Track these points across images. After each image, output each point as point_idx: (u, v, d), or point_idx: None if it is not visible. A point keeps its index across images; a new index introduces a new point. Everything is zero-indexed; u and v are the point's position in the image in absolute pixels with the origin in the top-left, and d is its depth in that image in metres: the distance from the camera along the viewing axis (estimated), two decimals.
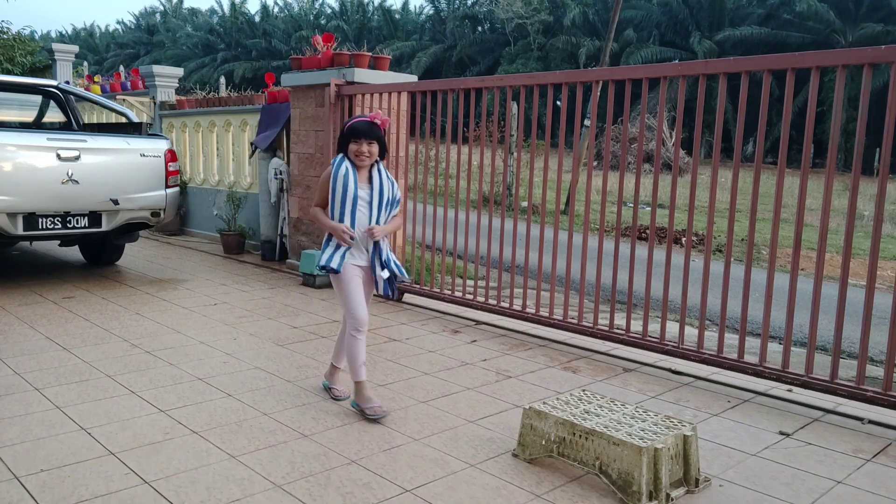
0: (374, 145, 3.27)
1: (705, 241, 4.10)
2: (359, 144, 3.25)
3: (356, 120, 3.30)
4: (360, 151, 3.25)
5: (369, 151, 3.26)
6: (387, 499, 2.50)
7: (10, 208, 5.33)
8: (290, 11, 55.41)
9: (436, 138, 5.48)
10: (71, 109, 7.28)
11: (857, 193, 3.44)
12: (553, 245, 4.68)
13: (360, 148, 3.25)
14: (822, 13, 33.37)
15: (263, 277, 6.62)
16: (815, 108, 3.62)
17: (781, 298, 3.98)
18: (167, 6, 61.95)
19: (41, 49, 14.44)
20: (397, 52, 41.55)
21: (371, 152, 3.27)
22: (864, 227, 12.94)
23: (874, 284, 3.39)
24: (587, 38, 38.22)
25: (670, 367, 4.14)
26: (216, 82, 24.44)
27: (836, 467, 2.89)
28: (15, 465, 2.66)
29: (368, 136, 3.25)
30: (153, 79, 9.76)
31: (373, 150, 3.27)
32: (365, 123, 3.27)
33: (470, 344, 4.61)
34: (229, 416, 3.22)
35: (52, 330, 4.57)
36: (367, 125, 3.26)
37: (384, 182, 3.35)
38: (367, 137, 3.25)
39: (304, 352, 4.29)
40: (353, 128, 3.27)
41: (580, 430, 2.67)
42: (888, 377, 3.36)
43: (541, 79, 4.90)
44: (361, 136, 3.24)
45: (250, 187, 8.24)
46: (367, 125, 3.26)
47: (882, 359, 5.12)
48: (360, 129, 3.25)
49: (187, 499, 2.45)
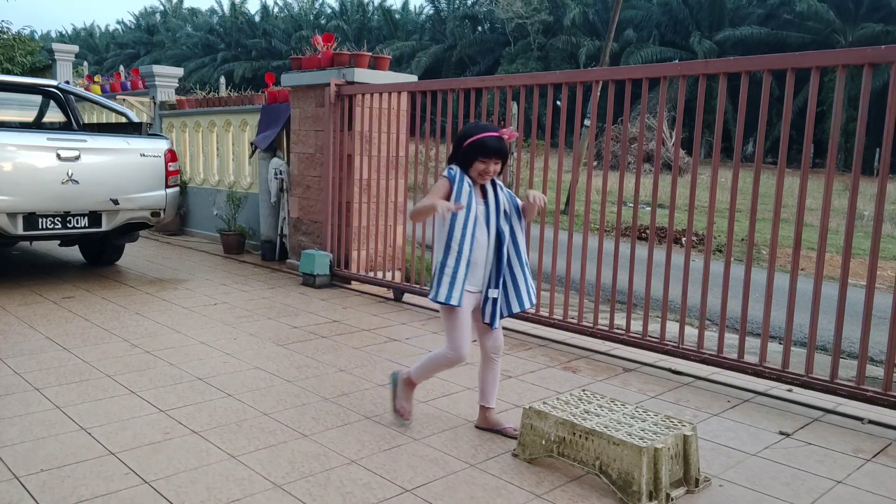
0: (499, 164, 2.93)
1: (705, 241, 4.10)
2: (486, 164, 2.89)
3: (485, 135, 2.89)
4: (487, 171, 2.91)
5: (494, 171, 2.93)
6: (387, 499, 2.50)
7: (10, 208, 5.33)
8: (290, 11, 55.42)
9: (436, 138, 5.48)
10: (71, 109, 7.28)
11: (857, 193, 3.44)
12: (553, 245, 4.68)
13: (487, 168, 2.90)
14: (822, 13, 33.38)
15: (263, 277, 6.62)
16: (815, 108, 3.62)
17: (781, 298, 3.98)
18: (167, 6, 61.97)
19: (41, 49, 14.44)
20: (397, 52, 41.55)
21: (496, 171, 2.94)
22: (864, 227, 12.94)
23: (874, 284, 3.39)
24: (587, 38, 38.22)
25: (670, 367, 4.14)
26: (216, 82, 24.44)
27: (836, 467, 2.89)
28: (15, 465, 2.66)
29: (498, 154, 2.90)
30: (153, 79, 9.76)
31: (497, 168, 2.93)
32: (496, 140, 2.89)
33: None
34: (229, 416, 3.22)
35: (52, 330, 4.57)
36: (498, 143, 2.89)
37: (500, 194, 3.00)
38: (497, 157, 2.90)
39: (303, 352, 4.29)
40: (483, 144, 2.88)
41: (580, 430, 2.67)
42: (888, 377, 3.36)
43: (541, 79, 4.90)
44: (491, 155, 2.88)
45: (250, 187, 8.24)
46: (498, 143, 2.89)
47: (882, 359, 5.12)
48: (490, 146, 2.87)
49: (187, 499, 2.45)
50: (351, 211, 6.31)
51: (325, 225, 6.43)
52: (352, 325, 4.95)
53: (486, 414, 3.13)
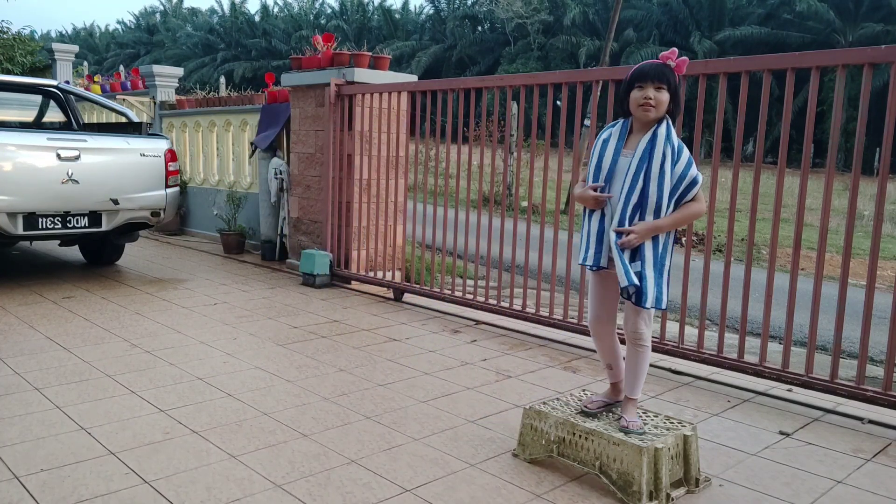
0: (662, 91, 2.55)
1: (705, 241, 4.10)
2: (644, 89, 2.54)
3: (643, 63, 2.63)
4: (646, 97, 2.53)
5: (656, 99, 2.54)
6: (387, 498, 2.50)
7: (10, 208, 5.33)
8: (290, 11, 55.41)
9: (436, 138, 5.48)
10: (71, 109, 7.28)
11: (857, 193, 3.44)
12: (553, 245, 4.68)
13: (645, 93, 2.53)
14: (822, 13, 33.37)
15: (263, 277, 6.62)
16: (815, 108, 3.62)
17: (781, 298, 3.98)
18: (167, 6, 61.96)
19: (41, 49, 14.44)
20: (397, 51, 41.55)
21: (658, 100, 2.54)
22: (864, 226, 12.94)
23: (874, 284, 3.39)
24: (587, 37, 38.21)
25: (670, 366, 4.14)
26: (216, 82, 24.44)
27: (836, 467, 2.89)
28: (15, 465, 2.66)
29: (657, 79, 2.54)
30: (153, 78, 9.76)
31: (661, 97, 2.54)
32: (653, 65, 2.57)
33: (470, 344, 4.61)
34: (229, 416, 3.22)
35: (52, 330, 4.57)
36: (656, 66, 2.56)
37: (657, 146, 2.55)
38: (656, 81, 2.54)
39: (303, 351, 4.29)
40: (638, 70, 2.59)
41: (580, 430, 2.67)
42: (888, 377, 3.36)
43: (541, 79, 4.90)
44: (648, 79, 2.54)
45: (250, 187, 8.24)
46: (656, 66, 2.56)
47: (882, 358, 5.12)
48: (646, 70, 2.56)
49: (187, 498, 2.45)
50: (351, 211, 6.31)
51: (325, 225, 6.43)
52: (352, 325, 4.95)
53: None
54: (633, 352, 2.73)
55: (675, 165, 2.57)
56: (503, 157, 11.99)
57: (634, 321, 2.69)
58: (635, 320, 2.69)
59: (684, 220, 2.66)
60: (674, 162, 2.57)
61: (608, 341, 2.86)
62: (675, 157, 2.58)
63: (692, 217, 2.70)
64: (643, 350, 2.71)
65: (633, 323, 2.69)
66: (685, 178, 2.59)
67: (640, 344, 2.71)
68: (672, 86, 2.56)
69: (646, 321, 2.70)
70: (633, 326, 2.70)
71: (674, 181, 2.58)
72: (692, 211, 2.65)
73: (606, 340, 2.86)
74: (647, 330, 2.70)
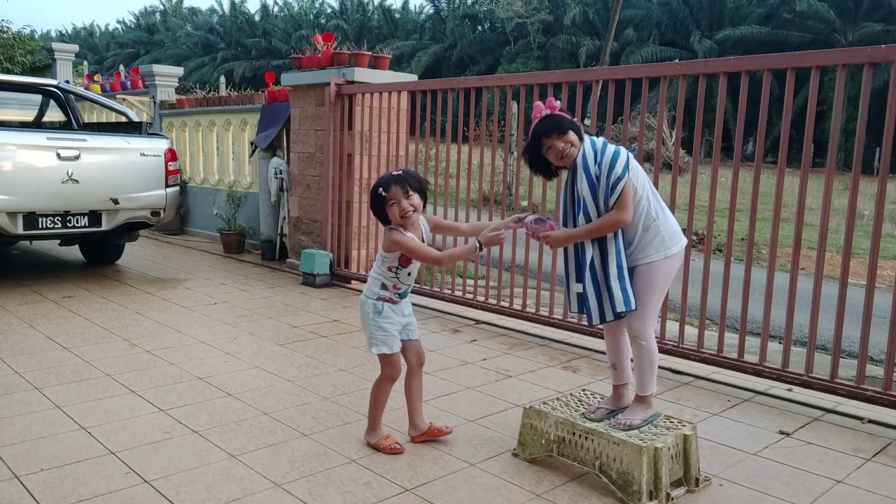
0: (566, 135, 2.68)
1: (705, 241, 4.10)
2: (553, 147, 2.70)
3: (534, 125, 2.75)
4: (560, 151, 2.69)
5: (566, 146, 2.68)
6: (387, 498, 2.50)
7: (10, 207, 5.33)
8: (289, 11, 55.39)
9: (436, 138, 5.47)
10: (71, 109, 7.28)
11: (857, 193, 3.44)
12: None
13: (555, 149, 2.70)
14: (823, 12, 33.36)
15: (263, 277, 6.62)
16: (815, 108, 3.62)
17: (781, 298, 3.97)
18: (167, 5, 61.91)
19: (41, 48, 14.44)
20: (397, 51, 41.54)
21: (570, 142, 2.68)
22: (864, 226, 12.93)
23: (874, 284, 3.39)
24: (587, 37, 38.20)
25: (670, 366, 4.14)
26: (216, 81, 24.46)
27: (835, 466, 2.89)
28: (15, 465, 2.66)
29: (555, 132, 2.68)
30: (153, 78, 9.76)
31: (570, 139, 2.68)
32: (543, 123, 2.71)
33: (470, 343, 4.61)
34: (229, 416, 3.22)
35: (52, 329, 4.57)
36: (546, 123, 2.70)
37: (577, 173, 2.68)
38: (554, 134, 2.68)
39: (304, 351, 4.29)
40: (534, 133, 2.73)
41: (580, 430, 2.67)
42: (888, 376, 3.36)
43: (541, 78, 4.90)
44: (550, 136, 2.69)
45: (250, 187, 8.24)
46: (546, 123, 2.70)
47: (882, 358, 5.12)
48: (542, 130, 2.70)
49: (187, 498, 2.45)
50: (351, 210, 6.31)
51: (325, 224, 6.43)
52: (352, 325, 4.95)
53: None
54: (636, 348, 2.77)
55: (595, 177, 2.65)
56: (503, 157, 12.00)
57: (629, 320, 2.75)
58: (629, 319, 2.74)
59: (599, 230, 2.66)
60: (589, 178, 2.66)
61: (616, 338, 2.87)
62: (595, 166, 2.65)
63: (608, 227, 2.66)
64: (644, 346, 2.73)
65: (627, 319, 2.75)
66: (609, 186, 2.62)
67: (639, 341, 2.74)
68: (569, 126, 2.67)
69: (640, 318, 2.71)
70: (629, 325, 2.76)
71: (601, 191, 2.64)
72: (606, 222, 2.65)
73: (613, 336, 2.88)
74: (642, 327, 2.72)
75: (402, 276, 2.86)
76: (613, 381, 2.90)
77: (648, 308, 2.71)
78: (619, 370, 2.87)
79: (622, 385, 2.86)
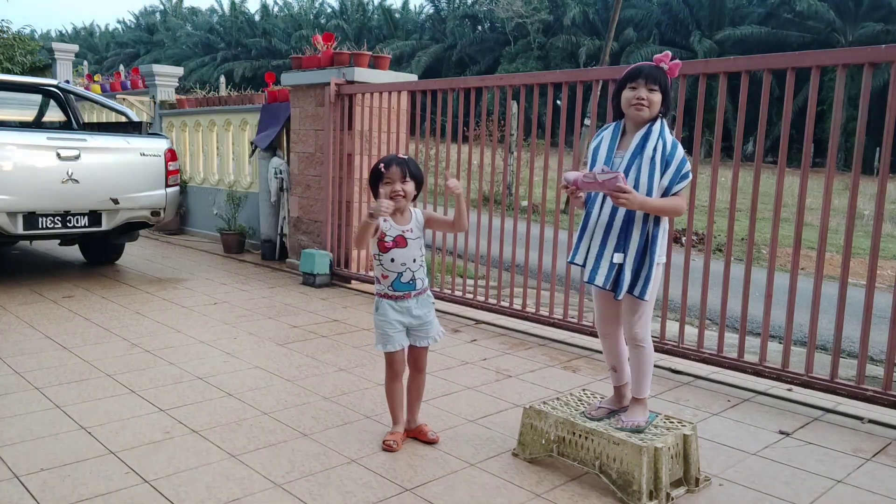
0: (655, 92, 2.58)
1: (705, 241, 4.10)
2: (636, 89, 2.58)
3: (637, 64, 2.69)
4: (639, 97, 2.56)
5: (649, 99, 2.57)
6: (387, 498, 2.50)
7: (10, 207, 5.33)
8: (289, 11, 55.42)
9: (436, 138, 5.47)
10: (71, 109, 7.28)
11: (857, 193, 3.44)
12: (553, 244, 4.68)
13: (637, 93, 2.57)
14: (823, 12, 33.37)
15: (263, 277, 6.62)
16: (815, 108, 3.62)
17: (781, 298, 3.98)
18: (167, 5, 61.93)
19: (41, 48, 14.44)
20: (397, 51, 41.54)
21: (651, 100, 2.57)
22: (864, 226, 12.94)
23: (874, 284, 3.39)
24: (587, 37, 38.20)
25: (670, 366, 4.14)
26: (216, 81, 24.44)
27: (835, 466, 2.89)
28: (15, 465, 2.66)
29: (650, 80, 2.57)
30: (153, 78, 9.76)
31: (653, 97, 2.57)
32: (647, 66, 2.61)
33: (470, 343, 4.61)
34: (229, 416, 3.22)
35: (52, 329, 4.57)
36: (649, 67, 2.60)
37: (650, 140, 2.58)
38: (649, 82, 2.57)
39: (304, 351, 4.29)
40: (632, 70, 2.62)
41: (580, 430, 2.67)
42: (888, 376, 3.36)
43: (541, 78, 4.90)
44: (641, 79, 2.58)
45: (250, 186, 8.24)
46: (649, 67, 2.60)
47: (882, 358, 5.12)
48: (640, 70, 2.60)
49: (187, 498, 2.45)
50: (351, 210, 6.31)
51: (325, 224, 6.43)
52: (352, 325, 4.95)
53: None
54: (633, 351, 2.75)
55: (667, 157, 2.58)
56: (503, 157, 11.99)
57: (629, 321, 2.71)
58: (630, 320, 2.71)
59: (669, 209, 2.62)
60: (665, 155, 2.58)
61: (613, 342, 2.86)
62: (670, 151, 2.59)
63: (674, 211, 2.65)
64: (642, 349, 2.72)
65: (628, 323, 2.72)
66: (679, 171, 2.60)
67: (638, 344, 2.72)
68: (664, 87, 2.60)
69: (642, 321, 2.70)
70: (628, 327, 2.72)
71: (664, 172, 2.59)
72: (676, 204, 2.62)
73: (612, 341, 2.86)
74: (642, 330, 2.71)
75: (385, 263, 2.87)
76: (614, 382, 2.90)
77: (648, 312, 2.71)
78: (619, 371, 2.87)
79: (623, 385, 2.86)
